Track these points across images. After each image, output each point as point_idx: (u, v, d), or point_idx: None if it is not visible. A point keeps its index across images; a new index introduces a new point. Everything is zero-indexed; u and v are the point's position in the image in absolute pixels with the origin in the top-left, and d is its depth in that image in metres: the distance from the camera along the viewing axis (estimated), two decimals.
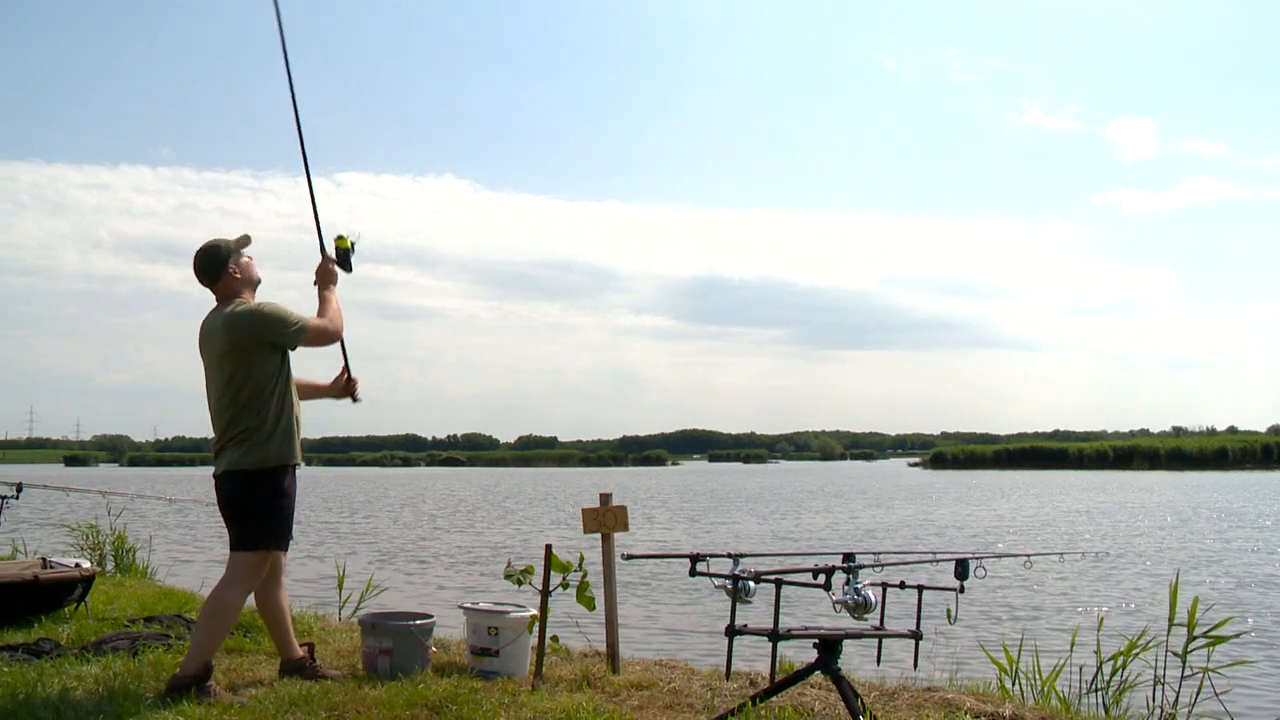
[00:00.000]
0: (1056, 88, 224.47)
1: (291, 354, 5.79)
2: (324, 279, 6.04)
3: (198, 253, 5.73)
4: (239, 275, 5.74)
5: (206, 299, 5.83)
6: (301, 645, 6.15)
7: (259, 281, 5.86)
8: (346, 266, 6.12)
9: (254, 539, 5.59)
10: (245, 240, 5.85)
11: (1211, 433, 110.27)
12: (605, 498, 6.63)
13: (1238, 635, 6.79)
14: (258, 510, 5.59)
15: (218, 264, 5.70)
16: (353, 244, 6.16)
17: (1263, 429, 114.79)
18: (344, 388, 6.31)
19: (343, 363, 6.29)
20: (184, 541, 22.73)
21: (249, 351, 5.57)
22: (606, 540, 6.56)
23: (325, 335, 5.84)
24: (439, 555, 21.45)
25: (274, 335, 5.61)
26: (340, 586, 9.64)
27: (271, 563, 5.74)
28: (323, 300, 5.95)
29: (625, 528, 6.57)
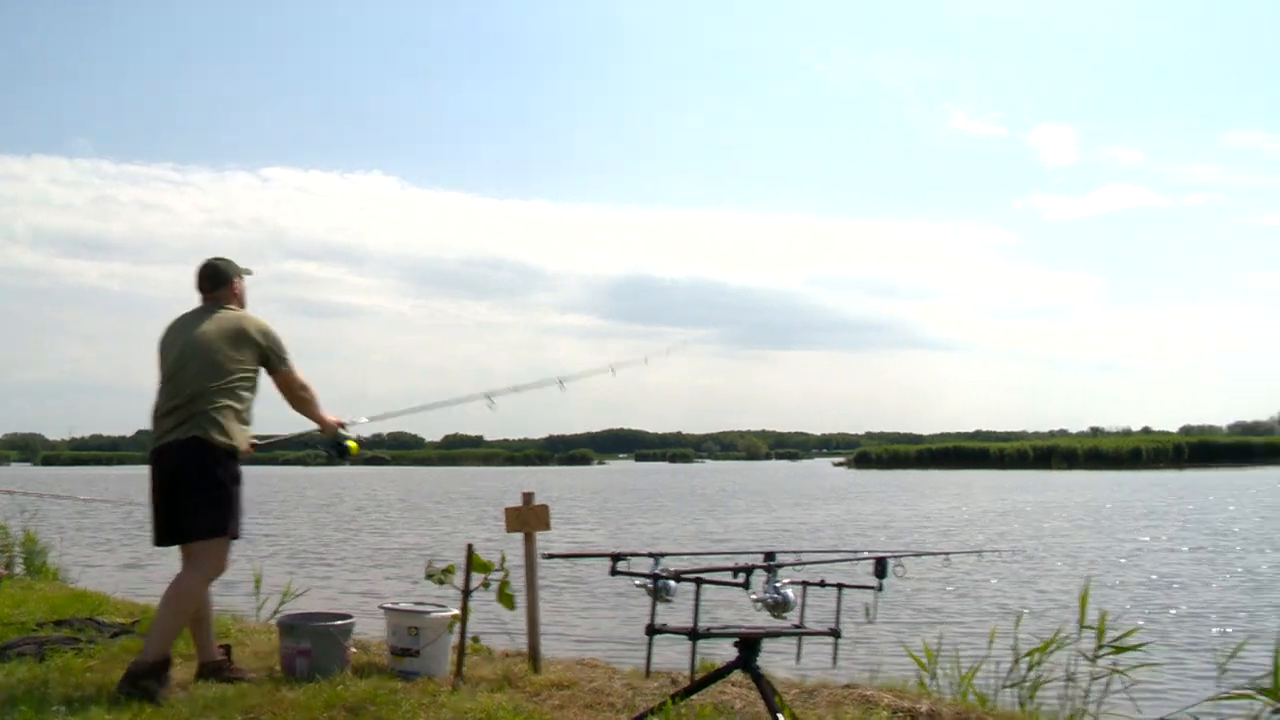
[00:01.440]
0: (981, 94, 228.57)
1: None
2: (331, 416, 6.38)
3: (213, 261, 6.11)
4: (237, 292, 6.14)
5: (133, 294, 5.92)
6: (218, 647, 6.06)
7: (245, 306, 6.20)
8: (337, 452, 6.43)
9: (222, 523, 5.61)
10: (249, 271, 6.31)
11: (1127, 433, 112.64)
12: (528, 497, 6.61)
13: (1139, 646, 6.90)
14: (223, 491, 5.63)
15: (229, 276, 6.11)
16: (354, 454, 6.45)
17: (1175, 429, 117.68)
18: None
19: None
20: (97, 543, 22.25)
21: (246, 347, 5.82)
22: (529, 540, 6.54)
23: (293, 390, 6.11)
24: (359, 556, 21.22)
25: (270, 347, 5.93)
26: (257, 588, 9.51)
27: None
28: (314, 394, 6.24)
29: (547, 527, 6.56)
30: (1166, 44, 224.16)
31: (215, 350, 5.73)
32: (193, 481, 5.56)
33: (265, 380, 6.05)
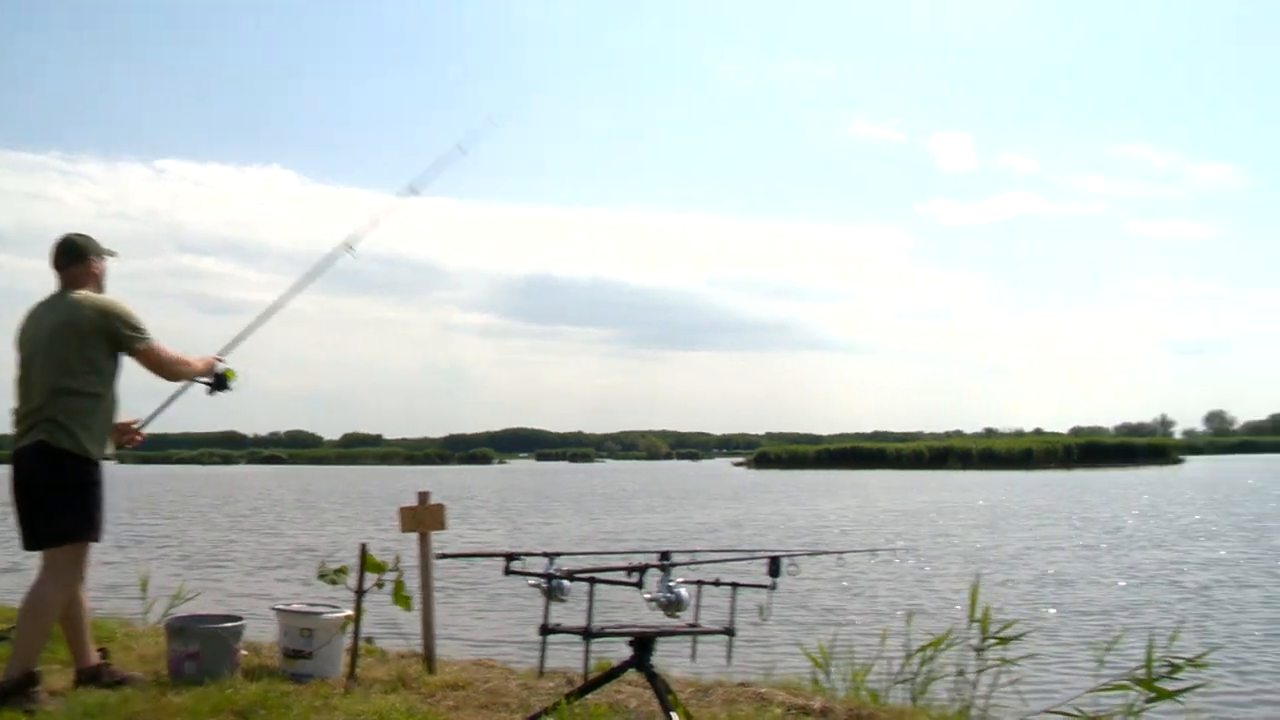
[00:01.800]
0: (882, 100, 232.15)
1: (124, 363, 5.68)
2: (206, 360, 6.02)
3: (71, 235, 5.73)
4: (94, 271, 5.72)
5: (18, 288, 5.64)
6: (95, 650, 5.89)
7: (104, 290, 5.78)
8: (217, 384, 6.04)
9: (74, 529, 5.39)
10: (112, 252, 5.86)
11: (1020, 434, 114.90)
12: (423, 496, 6.57)
13: (1020, 636, 7.07)
14: (74, 496, 5.39)
15: (84, 252, 5.71)
16: (234, 382, 6.09)
17: (1065, 431, 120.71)
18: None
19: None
20: None
21: (93, 334, 5.47)
22: (424, 539, 6.49)
23: (162, 365, 5.74)
24: (252, 557, 20.87)
25: (116, 328, 5.53)
26: (144, 590, 9.29)
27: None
28: (185, 357, 5.89)
29: (443, 526, 6.52)
30: (1059, 58, 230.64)
31: (62, 343, 5.40)
32: (43, 488, 5.32)
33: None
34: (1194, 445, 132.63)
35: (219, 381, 6.03)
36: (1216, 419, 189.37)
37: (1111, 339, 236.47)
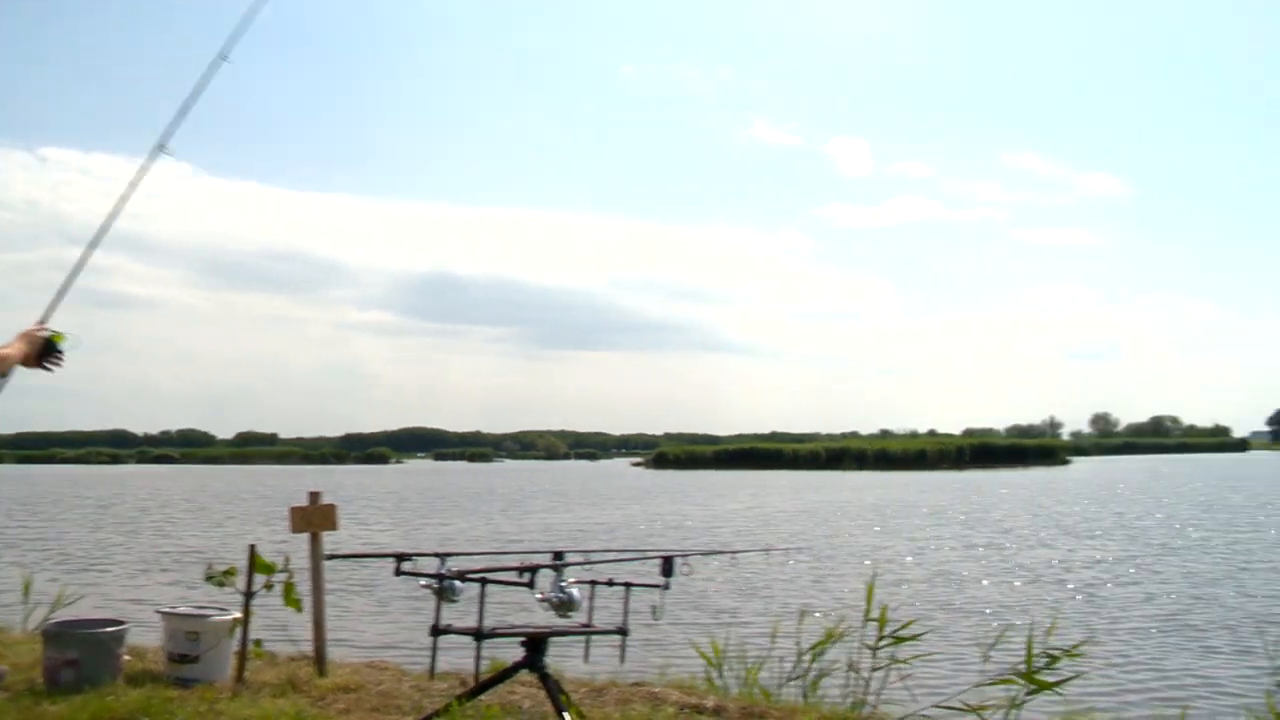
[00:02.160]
0: (782, 104, 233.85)
1: None
2: (26, 336, 5.24)
3: None
4: None
5: None
6: None
7: None
8: (46, 350, 5.16)
9: None
10: None
11: (914, 435, 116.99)
12: (314, 496, 6.48)
13: (916, 637, 7.19)
14: None
15: None
16: (64, 346, 5.43)
17: (958, 432, 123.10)
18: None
19: None
20: None
21: None
22: (315, 540, 6.40)
23: None
24: (138, 560, 20.36)
25: None
26: (26, 596, 9.00)
27: None
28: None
29: (334, 527, 6.44)
30: (953, 68, 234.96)
31: None
32: None
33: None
34: (1080, 446, 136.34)
35: (49, 350, 5.14)
36: (1101, 421, 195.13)
37: (1003, 343, 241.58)
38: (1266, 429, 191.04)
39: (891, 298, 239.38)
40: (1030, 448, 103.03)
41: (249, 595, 6.00)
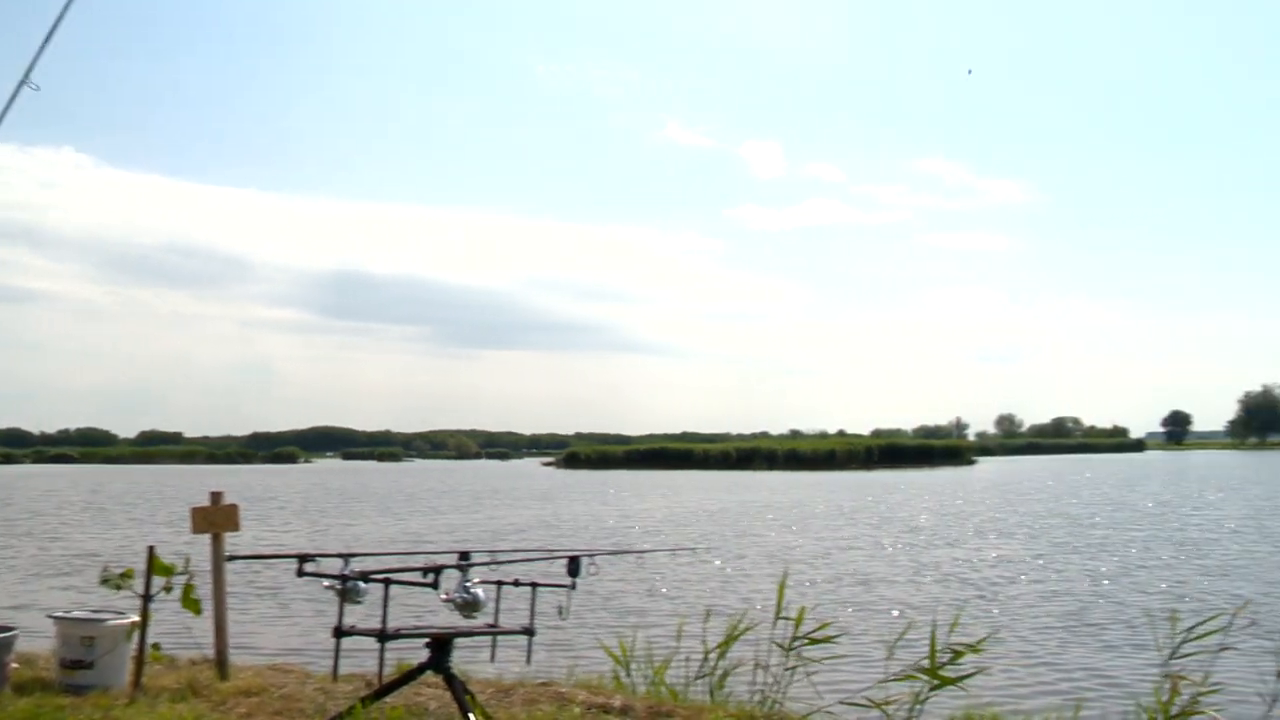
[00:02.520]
0: (695, 106, 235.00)
1: None
2: None
3: None
4: None
5: None
6: None
7: None
8: None
9: None
10: None
11: (824, 436, 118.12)
12: (216, 496, 6.36)
13: (827, 640, 7.26)
14: None
15: None
16: None
17: (866, 432, 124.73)
18: None
19: None
20: None
21: None
22: (217, 541, 6.29)
23: None
24: (30, 563, 19.80)
25: None
26: None
27: None
28: None
29: (236, 527, 6.33)
30: (864, 72, 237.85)
31: None
32: None
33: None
34: (986, 447, 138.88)
35: None
36: (1006, 422, 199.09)
37: (911, 345, 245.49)
38: (1161, 430, 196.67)
39: (802, 299, 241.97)
40: (937, 448, 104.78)
41: (147, 598, 5.86)
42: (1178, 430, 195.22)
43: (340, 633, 4.75)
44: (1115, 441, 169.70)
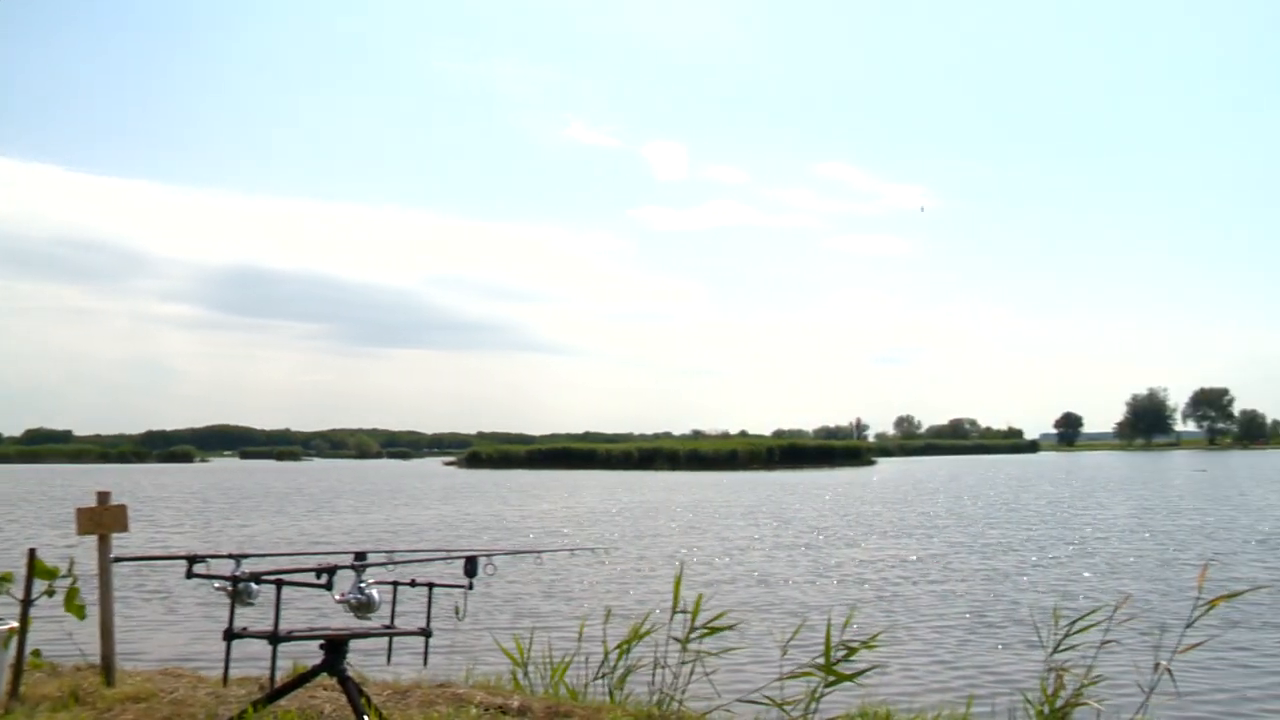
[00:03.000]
0: (600, 105, 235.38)
1: None
2: None
3: None
4: None
5: None
6: None
7: None
8: None
9: None
10: None
11: (726, 436, 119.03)
12: (103, 496, 6.18)
13: (728, 627, 7.31)
14: None
15: None
16: None
17: (768, 433, 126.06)
18: None
19: None
20: None
21: None
22: (103, 542, 6.11)
23: None
24: None
25: None
26: None
27: None
28: None
29: (125, 528, 6.15)
30: (768, 75, 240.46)
31: None
32: None
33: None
34: (885, 448, 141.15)
35: None
36: (905, 423, 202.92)
37: (813, 347, 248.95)
38: (1054, 431, 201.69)
39: (705, 301, 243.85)
40: (837, 449, 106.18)
41: (27, 603, 5.67)
42: (1069, 432, 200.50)
43: (231, 635, 4.64)
44: (1010, 442, 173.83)
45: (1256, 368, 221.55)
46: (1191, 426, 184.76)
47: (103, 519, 6.10)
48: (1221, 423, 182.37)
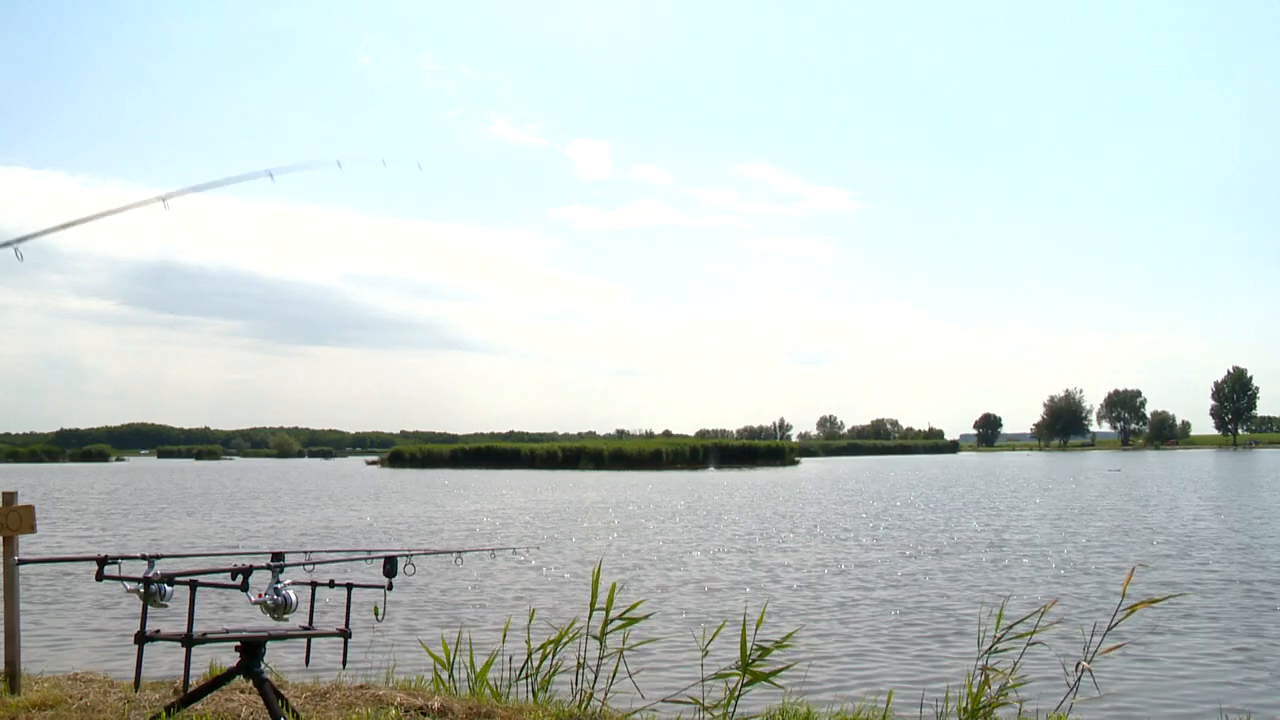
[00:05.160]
0: (523, 104, 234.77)
1: None
2: None
3: None
4: None
5: None
6: None
7: None
8: None
9: None
10: None
11: (650, 436, 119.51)
12: (9, 497, 6.00)
13: (645, 616, 7.31)
14: None
15: None
16: None
17: (692, 433, 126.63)
18: None
19: None
20: None
21: None
22: (8, 544, 5.94)
23: None
24: None
25: None
26: None
27: None
28: None
29: (32, 529, 5.98)
30: (692, 76, 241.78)
31: None
32: None
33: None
34: (808, 448, 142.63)
35: None
36: (828, 423, 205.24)
37: (736, 347, 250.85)
38: (974, 432, 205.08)
39: (629, 300, 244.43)
40: (761, 448, 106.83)
41: None
42: (989, 432, 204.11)
43: (144, 638, 4.52)
44: (931, 443, 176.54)
45: (1168, 370, 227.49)
46: (1106, 427, 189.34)
47: (7, 520, 5.93)
48: (1134, 424, 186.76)
